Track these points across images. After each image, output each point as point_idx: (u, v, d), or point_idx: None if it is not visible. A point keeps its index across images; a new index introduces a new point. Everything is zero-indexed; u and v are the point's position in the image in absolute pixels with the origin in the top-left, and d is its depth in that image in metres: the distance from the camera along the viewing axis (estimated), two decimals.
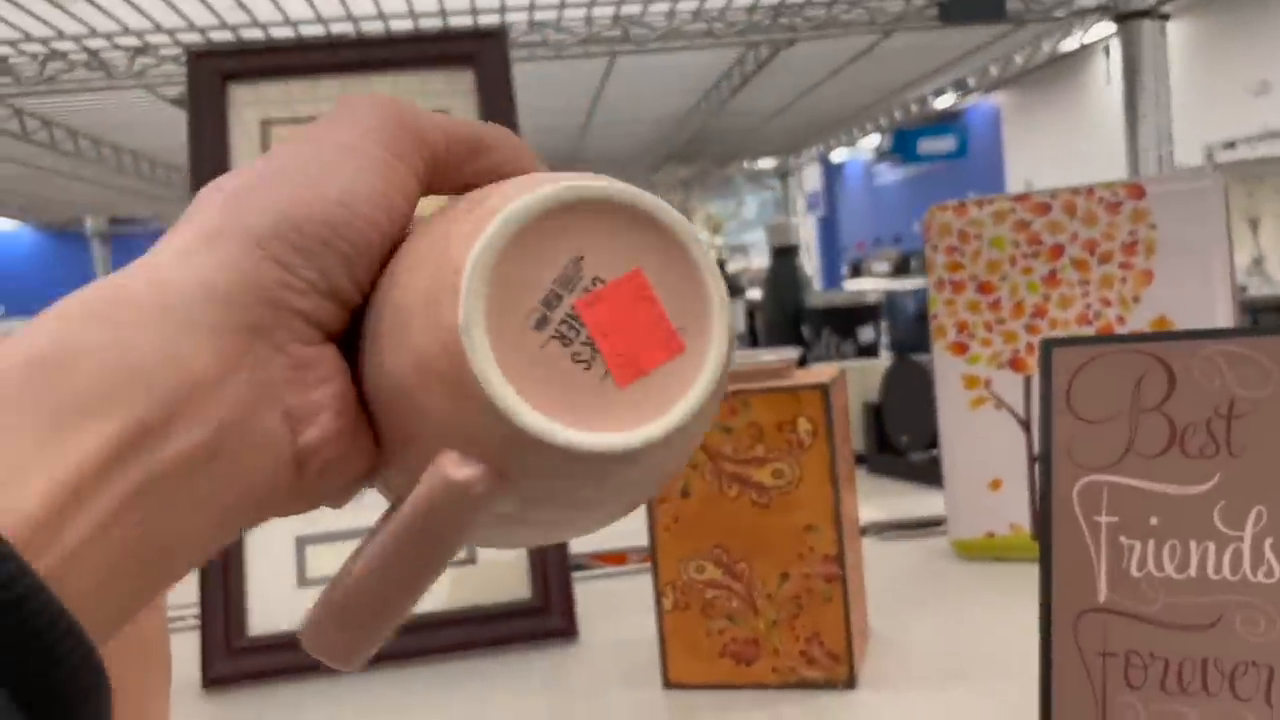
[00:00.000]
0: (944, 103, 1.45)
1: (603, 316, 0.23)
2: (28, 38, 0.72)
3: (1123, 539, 0.44)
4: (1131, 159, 0.91)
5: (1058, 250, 0.70)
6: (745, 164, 1.95)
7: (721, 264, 1.42)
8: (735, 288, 1.39)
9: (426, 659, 0.63)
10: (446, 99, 0.76)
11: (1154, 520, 0.44)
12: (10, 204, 1.64)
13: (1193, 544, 0.43)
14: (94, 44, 0.74)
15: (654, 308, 0.24)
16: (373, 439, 0.25)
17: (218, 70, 0.73)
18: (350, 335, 0.25)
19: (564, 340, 0.23)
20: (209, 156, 0.73)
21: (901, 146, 7.28)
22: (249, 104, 0.75)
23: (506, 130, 0.28)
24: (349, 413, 0.24)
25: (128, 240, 2.26)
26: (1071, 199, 0.70)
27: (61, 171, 1.19)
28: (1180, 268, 0.67)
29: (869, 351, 1.17)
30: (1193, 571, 0.43)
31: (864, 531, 0.83)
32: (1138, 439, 0.45)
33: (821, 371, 0.59)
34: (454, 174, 0.27)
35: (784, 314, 1.26)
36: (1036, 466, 0.71)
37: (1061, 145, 5.96)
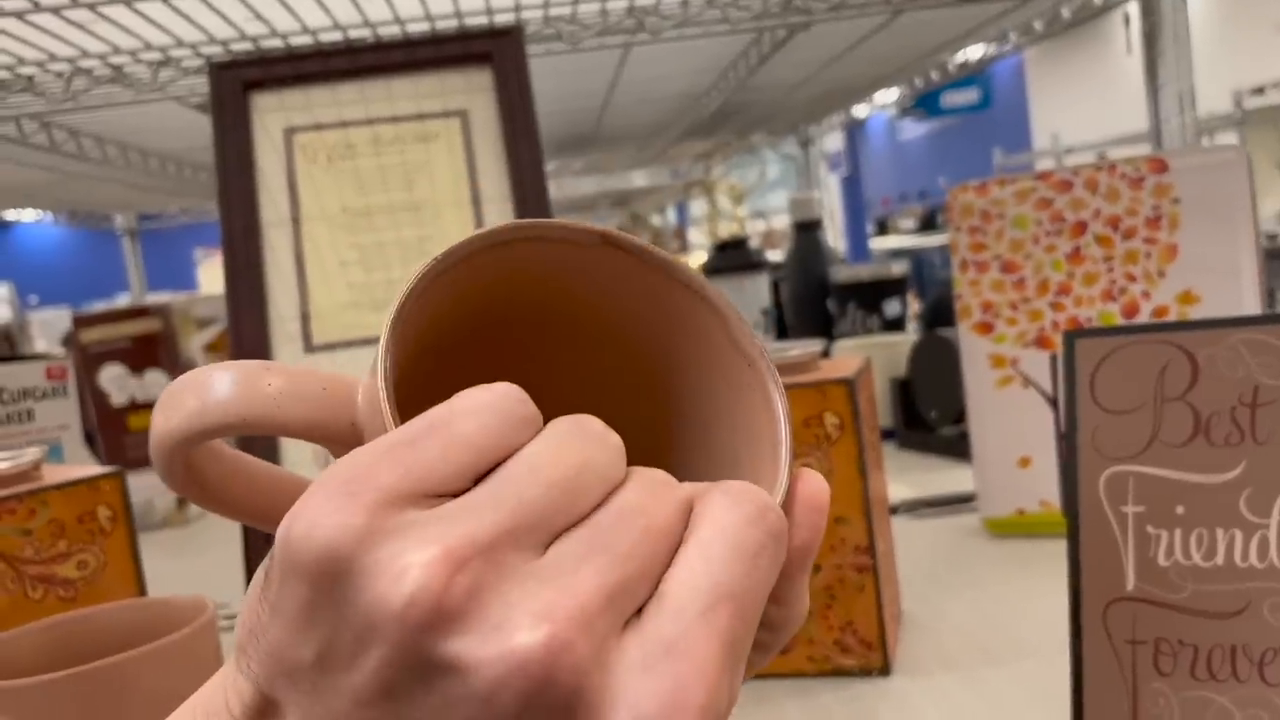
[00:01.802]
0: (967, 55, 1.43)
1: None
2: (53, 58, 0.73)
3: (1150, 528, 0.45)
4: (1154, 128, 0.90)
5: (1081, 227, 0.70)
6: (765, 136, 1.94)
7: (743, 239, 1.42)
8: (759, 263, 1.39)
9: None
10: (465, 97, 0.77)
11: (1180, 509, 0.44)
12: (43, 205, 1.66)
13: (1219, 532, 0.44)
14: (117, 60, 0.75)
15: None
16: None
17: (239, 80, 0.74)
18: None
19: None
20: (235, 164, 0.74)
21: (924, 101, 7.19)
22: (271, 111, 0.76)
23: None
24: None
25: (156, 235, 2.29)
26: (1094, 175, 0.70)
27: (90, 175, 1.21)
28: (1205, 241, 0.67)
29: (896, 325, 1.17)
30: (1220, 559, 0.43)
31: (894, 510, 0.83)
32: (1162, 428, 0.45)
33: (846, 363, 0.59)
34: None
35: (809, 289, 1.26)
36: (1063, 451, 0.72)
37: (1088, 95, 5.86)
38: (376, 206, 0.75)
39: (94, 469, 0.57)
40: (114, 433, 1.21)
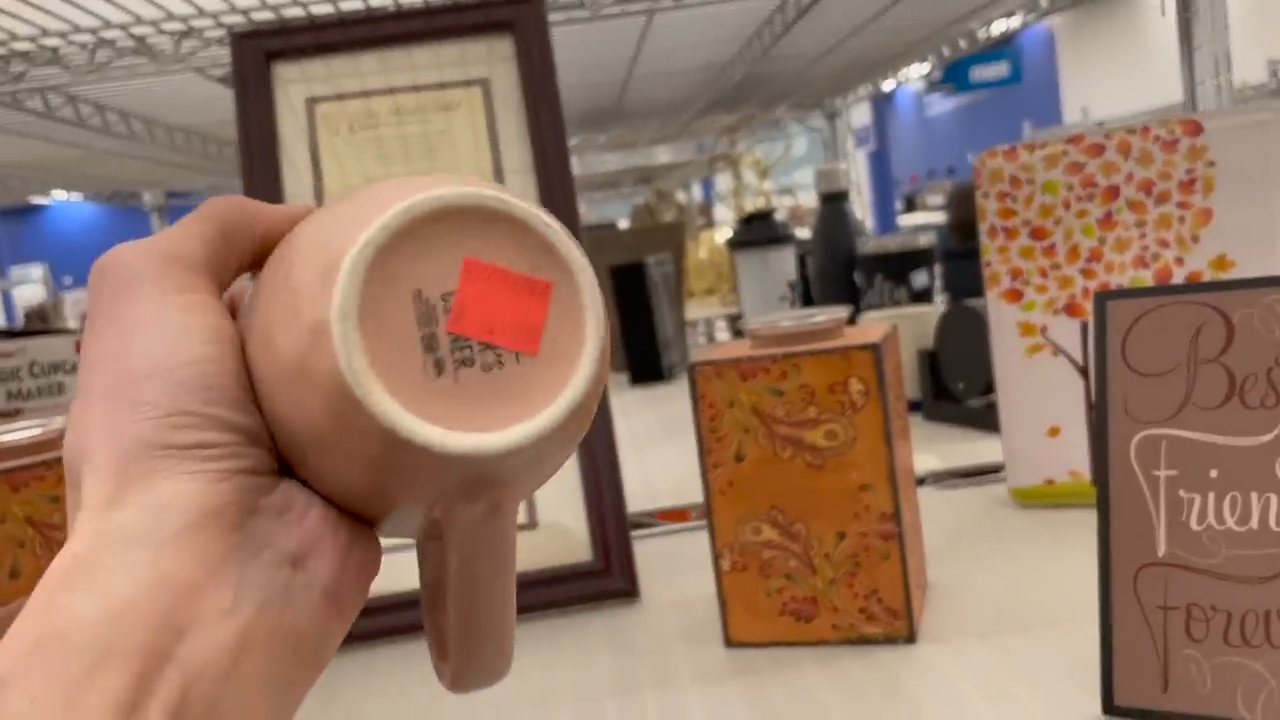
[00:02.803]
0: (996, 29, 1.41)
1: (474, 303, 0.23)
2: (76, 29, 0.73)
3: (1182, 492, 0.44)
4: (1188, 93, 0.88)
5: (1113, 192, 0.69)
6: (790, 109, 1.92)
7: (769, 212, 1.41)
8: (785, 236, 1.38)
9: None
10: (487, 66, 0.76)
11: (1214, 473, 0.44)
12: (73, 184, 1.67)
13: (1254, 496, 0.43)
14: (140, 30, 0.75)
15: (530, 309, 0.24)
16: (365, 524, 0.25)
17: (262, 50, 0.74)
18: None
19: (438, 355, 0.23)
20: (257, 136, 0.74)
21: (953, 75, 7.10)
22: (293, 81, 0.75)
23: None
24: (338, 521, 0.24)
25: (185, 211, 2.31)
26: (1126, 138, 0.68)
27: (116, 152, 1.21)
28: (1240, 205, 0.66)
29: (923, 297, 1.16)
30: (1254, 524, 0.43)
31: (921, 481, 0.83)
32: (1196, 391, 0.44)
33: (872, 329, 0.58)
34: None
35: (835, 261, 1.25)
36: (1093, 417, 0.71)
37: (1119, 68, 5.77)
38: (399, 176, 0.75)
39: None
40: None
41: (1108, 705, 0.44)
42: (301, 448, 0.24)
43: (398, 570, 0.47)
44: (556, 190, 0.75)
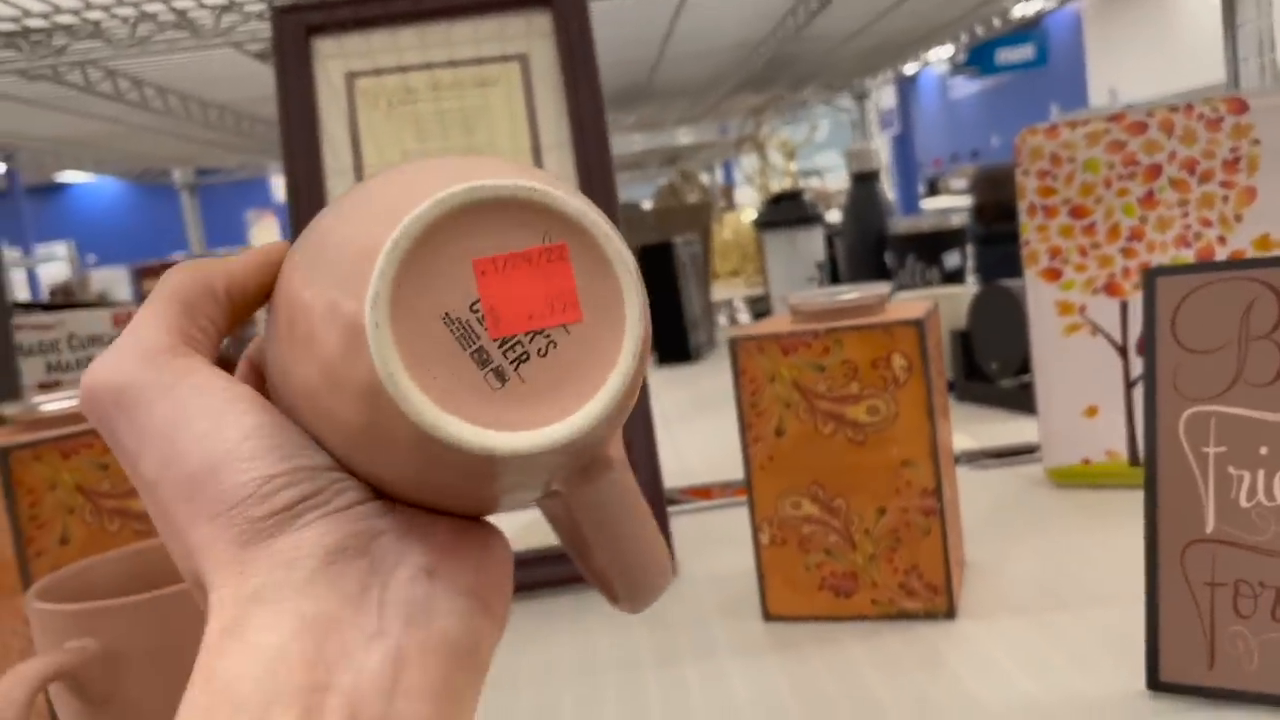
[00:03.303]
0: (1024, 10, 1.40)
1: (508, 293, 0.23)
2: (120, 2, 0.73)
3: (1231, 469, 0.44)
4: (1230, 70, 0.87)
5: (1155, 170, 0.68)
6: (817, 90, 1.91)
7: (797, 192, 1.40)
8: (813, 216, 1.37)
9: (531, 594, 0.65)
10: (525, 41, 0.76)
11: (1264, 450, 0.43)
12: (105, 159, 1.68)
13: None
14: (181, 4, 0.75)
15: (555, 278, 0.23)
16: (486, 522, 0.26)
17: (302, 24, 0.74)
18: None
19: (477, 351, 0.23)
20: (297, 111, 0.74)
21: (978, 57, 7.03)
22: (333, 57, 0.76)
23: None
24: (463, 525, 0.25)
25: (212, 193, 2.31)
26: (1169, 116, 0.68)
27: (150, 127, 1.22)
28: None
29: (955, 278, 1.15)
30: None
31: (956, 460, 0.82)
32: (1247, 368, 0.44)
33: (914, 305, 0.58)
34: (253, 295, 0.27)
35: (866, 241, 1.24)
36: (1136, 394, 0.70)
37: (1148, 50, 5.70)
38: (436, 153, 0.75)
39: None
40: None
41: (1153, 681, 0.44)
42: (399, 490, 0.24)
43: None
44: (595, 167, 0.75)
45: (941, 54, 1.75)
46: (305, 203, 0.74)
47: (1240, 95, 0.67)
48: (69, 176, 2.04)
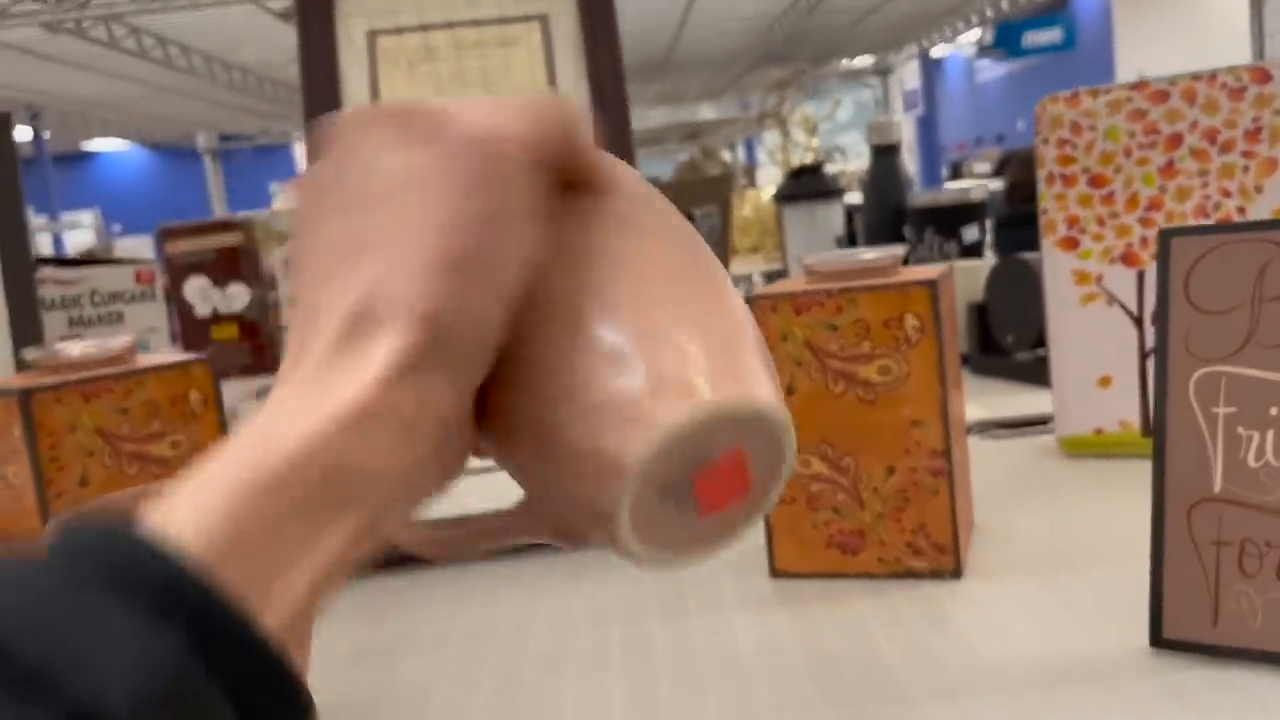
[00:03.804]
0: None
1: (710, 485, 0.29)
2: None
3: (1240, 429, 0.44)
4: (1256, 42, 0.86)
5: (1176, 139, 0.68)
6: (843, 63, 1.90)
7: (819, 165, 1.40)
8: (834, 190, 1.37)
9: (542, 550, 0.66)
10: (546, 2, 0.77)
11: (1274, 410, 0.43)
12: (129, 122, 1.69)
13: None
14: None
15: (743, 474, 0.29)
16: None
17: None
18: None
19: (677, 499, 0.29)
20: (319, 67, 0.74)
21: (1005, 40, 6.96)
22: (354, 14, 0.76)
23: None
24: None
25: (235, 163, 2.33)
26: (1192, 85, 0.67)
27: (175, 89, 1.23)
28: None
29: (973, 252, 1.15)
30: None
31: (968, 430, 0.82)
32: (1259, 329, 0.44)
33: (928, 269, 0.58)
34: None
35: (885, 214, 1.24)
36: (1151, 365, 0.70)
37: (1178, 35, 5.64)
38: None
39: (186, 355, 0.59)
40: (197, 343, 1.24)
41: (1156, 638, 0.45)
42: (537, 496, 0.31)
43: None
44: (614, 130, 0.75)
45: (969, 36, 1.74)
46: None
47: (1264, 65, 0.66)
48: (95, 145, 2.06)
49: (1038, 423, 0.83)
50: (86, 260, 0.94)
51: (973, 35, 1.51)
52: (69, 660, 0.19)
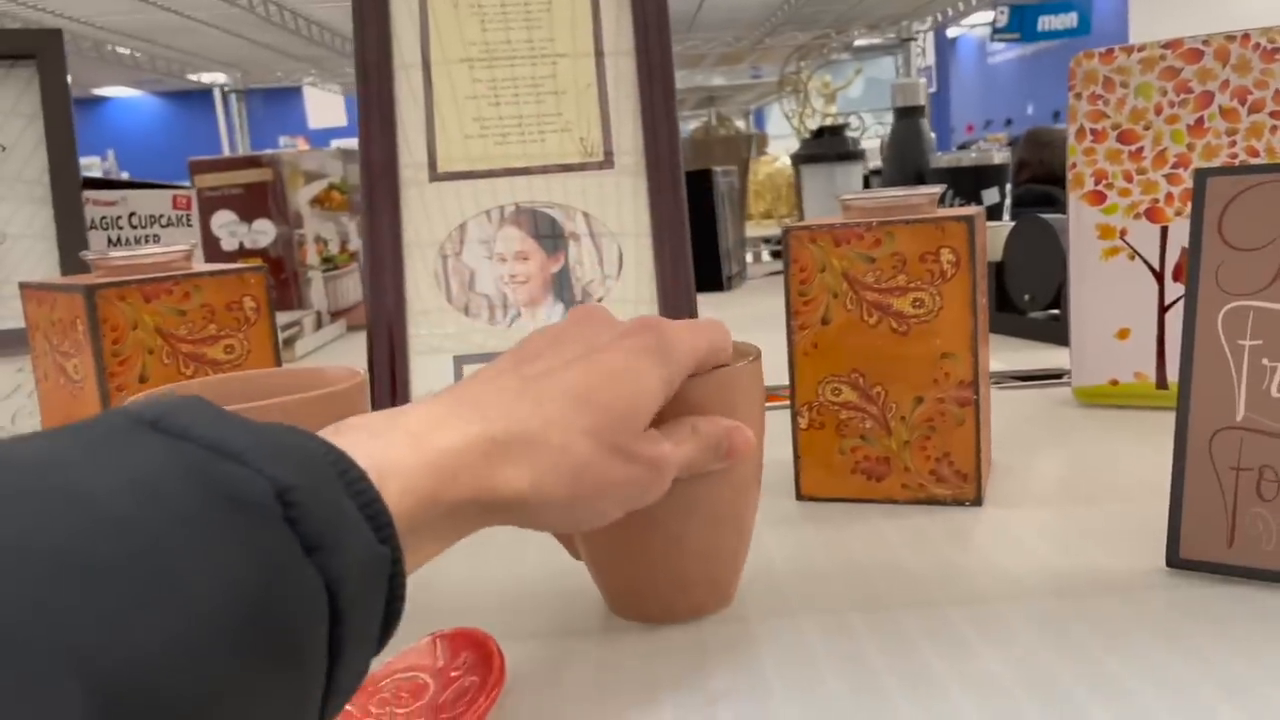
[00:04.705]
0: None
1: None
2: None
3: (1265, 361, 0.46)
4: None
5: (1207, 98, 0.70)
6: (864, 31, 1.91)
7: (842, 126, 1.41)
8: (855, 153, 1.38)
9: None
10: None
11: None
12: (146, 63, 1.69)
13: None
14: None
15: None
16: None
17: None
18: None
19: None
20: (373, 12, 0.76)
21: (1019, 23, 6.92)
22: None
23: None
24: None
25: (249, 101, 2.33)
26: (1225, 45, 0.69)
27: (205, 21, 1.23)
28: None
29: (993, 214, 1.17)
30: None
31: None
32: None
33: (963, 209, 0.60)
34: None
35: (906, 175, 1.26)
36: (1169, 318, 0.72)
37: (1195, 25, 5.62)
38: (498, 44, 0.77)
39: (241, 264, 0.61)
40: None
41: (1173, 558, 0.47)
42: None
43: None
44: (656, 72, 0.77)
45: (983, 17, 1.75)
46: (373, 95, 0.76)
47: None
48: (107, 90, 2.06)
49: (1053, 377, 0.85)
50: (126, 184, 0.96)
51: (987, 16, 1.52)
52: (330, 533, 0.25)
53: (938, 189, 0.60)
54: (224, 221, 1.26)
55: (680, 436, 0.39)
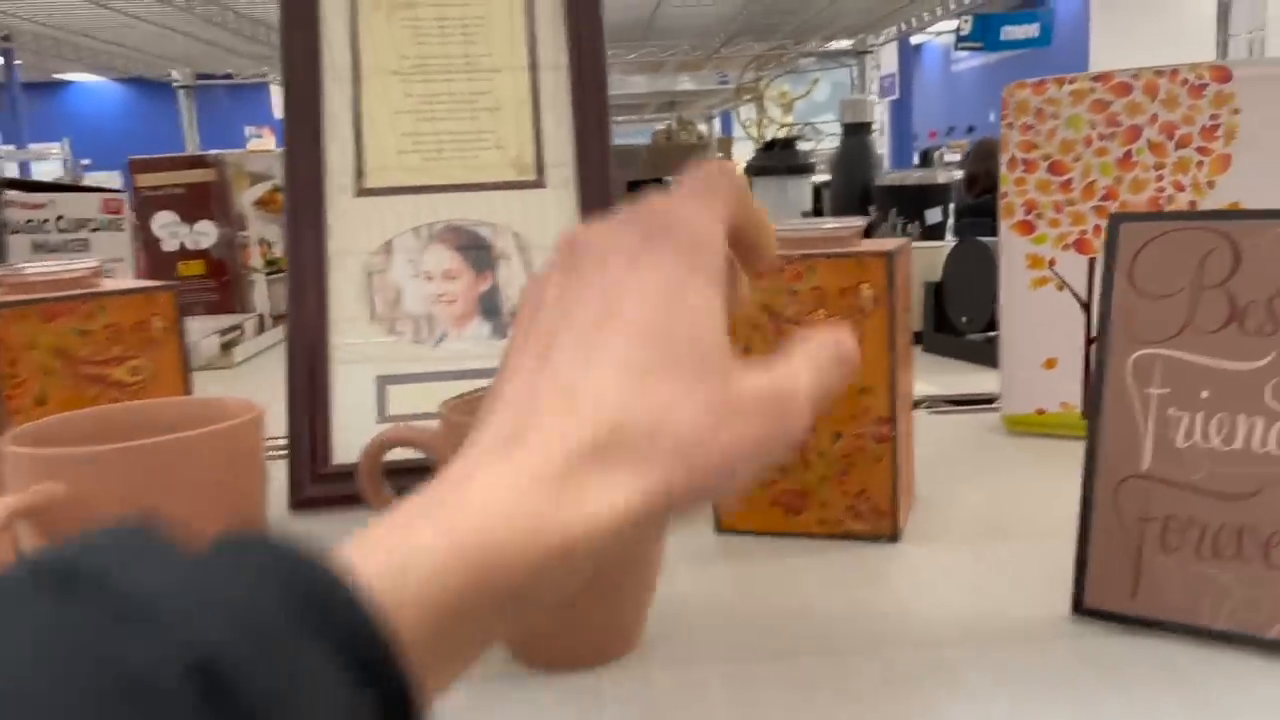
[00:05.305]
0: None
1: None
2: None
3: (1172, 410, 0.46)
4: (1221, 44, 0.89)
5: (1135, 132, 0.70)
6: (821, 43, 1.91)
7: (792, 140, 1.41)
8: (805, 166, 1.38)
9: None
10: None
11: (1205, 394, 0.45)
12: (104, 55, 1.66)
13: (1241, 418, 0.45)
14: None
15: None
16: None
17: None
18: None
19: None
20: (298, 7, 0.74)
21: (983, 32, 6.98)
22: None
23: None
24: None
25: (212, 96, 2.29)
26: (1154, 80, 0.69)
27: (153, 20, 1.21)
28: (1260, 155, 0.67)
29: (935, 233, 1.17)
30: (1239, 444, 0.44)
31: (917, 404, 0.84)
32: (1197, 315, 0.46)
33: (886, 242, 0.60)
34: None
35: (852, 191, 1.26)
36: (1093, 346, 0.72)
37: (1154, 38, 5.69)
38: (432, 57, 0.76)
39: (150, 282, 0.59)
40: (163, 278, 1.23)
41: (1077, 605, 0.47)
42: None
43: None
44: (589, 86, 0.76)
45: (947, 25, 1.76)
46: (299, 104, 0.74)
47: (1225, 64, 0.68)
48: (67, 76, 2.02)
49: (984, 402, 0.85)
50: (54, 186, 0.93)
51: (951, 25, 1.53)
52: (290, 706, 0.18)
53: (861, 222, 0.59)
54: (165, 222, 1.24)
55: (792, 360, 0.31)
